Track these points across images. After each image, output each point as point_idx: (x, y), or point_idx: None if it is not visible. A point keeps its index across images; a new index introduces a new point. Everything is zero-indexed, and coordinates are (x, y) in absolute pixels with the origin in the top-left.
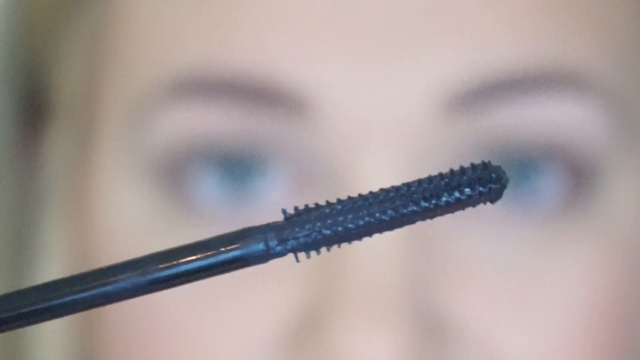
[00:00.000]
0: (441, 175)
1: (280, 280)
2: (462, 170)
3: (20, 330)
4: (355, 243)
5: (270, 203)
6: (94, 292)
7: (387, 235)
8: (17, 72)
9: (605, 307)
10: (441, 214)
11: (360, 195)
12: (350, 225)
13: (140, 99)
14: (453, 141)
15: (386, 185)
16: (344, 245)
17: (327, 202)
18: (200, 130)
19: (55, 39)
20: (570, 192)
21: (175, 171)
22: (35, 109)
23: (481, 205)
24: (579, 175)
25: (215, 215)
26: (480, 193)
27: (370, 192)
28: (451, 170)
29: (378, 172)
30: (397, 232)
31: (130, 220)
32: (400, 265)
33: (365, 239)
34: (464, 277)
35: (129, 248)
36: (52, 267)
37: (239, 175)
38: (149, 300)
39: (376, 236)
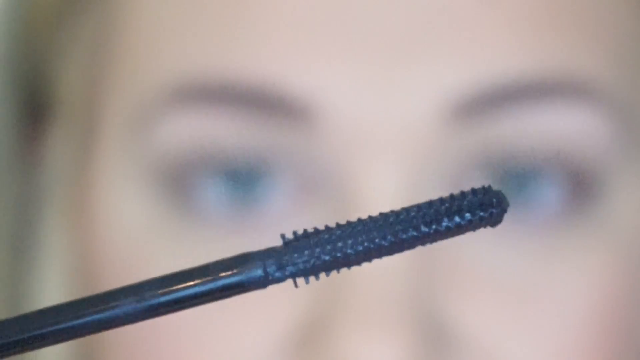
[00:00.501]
0: (441, 200)
1: (285, 286)
2: (463, 194)
3: None
4: None
5: (273, 210)
6: (91, 319)
7: None
8: (19, 75)
9: (607, 315)
10: (441, 239)
11: (359, 219)
12: (349, 251)
13: (142, 104)
14: (457, 149)
15: (391, 193)
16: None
17: (326, 226)
18: (202, 137)
19: (57, 41)
20: (573, 200)
21: (177, 177)
22: (37, 112)
23: None
24: (582, 183)
25: (218, 221)
26: (481, 218)
27: (370, 217)
28: (451, 195)
29: (382, 179)
30: None
31: (131, 226)
32: (404, 272)
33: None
34: (467, 284)
35: (130, 253)
36: (52, 270)
37: (242, 182)
38: None
39: None
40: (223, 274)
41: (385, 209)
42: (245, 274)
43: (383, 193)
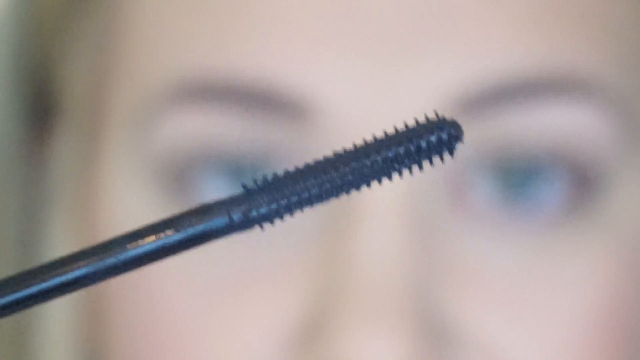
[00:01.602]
0: (400, 136)
1: (285, 283)
2: (416, 122)
3: (26, 331)
4: (360, 246)
5: None
6: (60, 279)
7: (391, 239)
8: (24, 73)
9: (609, 312)
10: (400, 170)
11: (319, 159)
12: (312, 191)
13: (146, 102)
14: (458, 146)
15: (391, 189)
16: (348, 248)
17: (285, 170)
18: (204, 134)
19: (62, 41)
20: (574, 197)
21: (181, 174)
22: (41, 110)
23: (485, 210)
24: (583, 180)
25: None
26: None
27: (330, 155)
28: (405, 125)
29: None
30: (401, 236)
31: (135, 223)
32: (404, 269)
33: (369, 244)
34: (467, 282)
35: None
36: None
37: (245, 178)
38: (154, 302)
39: (380, 240)
40: (188, 225)
41: (386, 204)
42: (210, 223)
43: (382, 189)
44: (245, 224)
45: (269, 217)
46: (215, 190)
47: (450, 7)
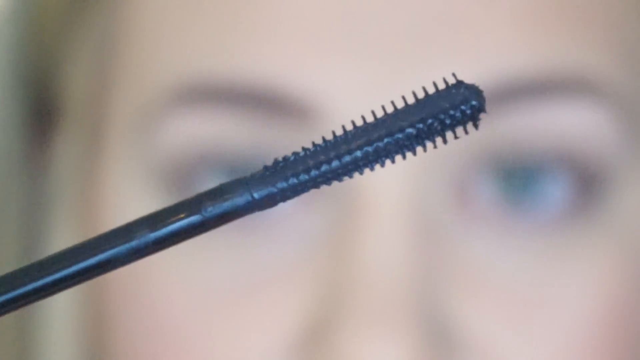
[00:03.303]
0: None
1: (291, 286)
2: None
3: (29, 333)
4: (366, 249)
5: (277, 209)
6: (85, 264)
7: (396, 242)
8: (26, 79)
9: (613, 315)
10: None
11: (337, 135)
12: (333, 165)
13: (148, 105)
14: (462, 146)
15: (395, 191)
16: (354, 251)
17: (303, 147)
18: (207, 137)
19: (64, 45)
20: (579, 198)
21: (184, 177)
22: (43, 113)
23: (490, 212)
24: (588, 181)
25: None
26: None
27: (348, 129)
28: (425, 92)
29: (387, 177)
30: (406, 239)
31: None
32: (408, 273)
33: (374, 247)
34: (471, 285)
35: None
36: None
37: None
38: (157, 302)
39: (385, 243)
40: (210, 204)
41: (391, 206)
42: (233, 201)
43: (388, 191)
44: (268, 200)
45: (289, 193)
46: None
47: (454, 8)
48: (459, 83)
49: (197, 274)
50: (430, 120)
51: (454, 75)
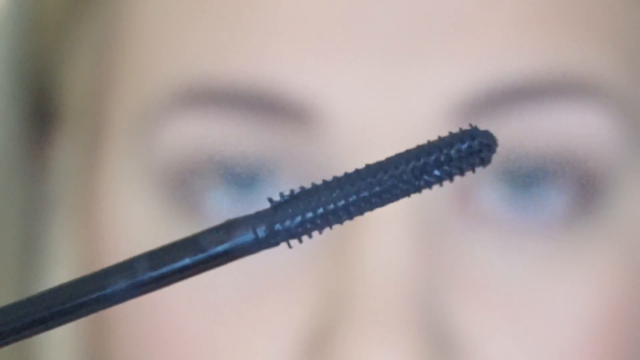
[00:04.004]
0: (430, 147)
1: (293, 292)
2: (451, 139)
3: (30, 343)
4: (367, 253)
5: None
6: (82, 300)
7: (398, 247)
8: (25, 80)
9: (614, 319)
10: (429, 187)
11: (346, 173)
12: (339, 204)
13: (147, 108)
14: None
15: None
16: (355, 256)
17: (313, 183)
18: (207, 140)
19: (63, 46)
20: (581, 202)
21: (183, 180)
22: (43, 115)
23: (492, 215)
24: (589, 184)
25: None
26: (471, 164)
27: (356, 170)
28: (440, 139)
29: None
30: (408, 244)
31: (137, 229)
32: (410, 278)
33: (376, 252)
34: (473, 290)
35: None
36: (60, 274)
37: (247, 185)
38: (159, 309)
39: (387, 248)
40: (213, 244)
41: (392, 211)
42: (235, 240)
43: None
44: (271, 239)
45: (295, 232)
46: (217, 195)
47: (455, 10)
48: (471, 129)
49: (199, 281)
50: (438, 155)
51: (470, 124)
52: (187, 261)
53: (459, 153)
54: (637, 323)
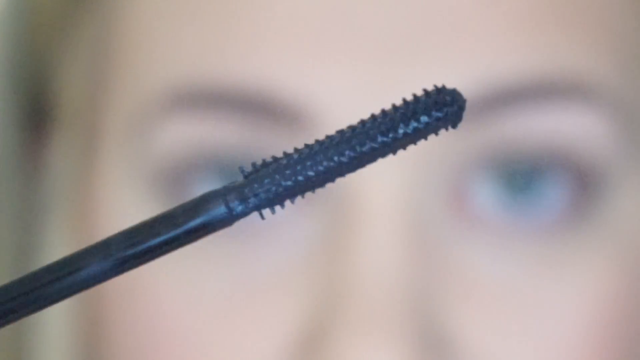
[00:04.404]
0: (395, 107)
1: (287, 291)
2: (416, 98)
3: (24, 338)
4: (361, 255)
5: (272, 215)
6: (61, 283)
7: (391, 249)
8: (21, 81)
9: (611, 319)
10: (402, 147)
11: (316, 140)
12: (309, 173)
13: (142, 109)
14: (459, 150)
15: (392, 195)
16: (349, 257)
17: (284, 152)
18: (201, 141)
19: (59, 46)
20: (576, 202)
21: (178, 181)
22: (38, 116)
23: (486, 217)
24: (586, 184)
25: None
26: (438, 118)
27: (327, 136)
28: (404, 100)
29: (383, 181)
30: (401, 246)
31: None
32: (403, 279)
33: (369, 253)
34: (467, 291)
35: None
36: None
37: None
38: (154, 310)
39: (380, 250)
40: (187, 219)
41: (386, 211)
42: (209, 214)
43: (384, 195)
44: (245, 211)
45: (267, 204)
46: None
47: (449, 11)
48: (439, 90)
49: (191, 280)
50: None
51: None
52: (162, 237)
53: (432, 120)
54: (633, 324)
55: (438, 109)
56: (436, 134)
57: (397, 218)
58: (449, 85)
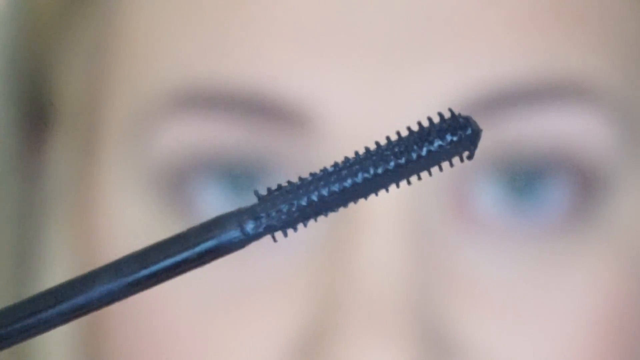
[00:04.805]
0: (410, 131)
1: (287, 294)
2: (430, 122)
3: (26, 345)
4: (362, 257)
5: None
6: (72, 303)
7: (393, 250)
8: (20, 82)
9: (613, 320)
10: (416, 172)
11: (332, 164)
12: (323, 193)
13: (142, 110)
14: None
15: (391, 197)
16: (350, 259)
17: (299, 177)
18: (202, 142)
19: (58, 48)
20: (578, 204)
21: (178, 182)
22: (39, 118)
23: (487, 218)
24: (587, 186)
25: None
26: (451, 142)
27: (344, 158)
28: (419, 124)
29: None
30: (403, 247)
31: (133, 231)
32: (405, 280)
33: (370, 254)
34: (468, 292)
35: None
36: (56, 276)
37: (242, 187)
38: (154, 309)
39: (382, 251)
40: (200, 241)
41: (387, 213)
42: (222, 237)
43: (384, 198)
44: (258, 234)
45: (281, 226)
46: (213, 198)
47: (450, 13)
48: (454, 115)
49: (193, 281)
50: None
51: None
52: (174, 259)
53: (447, 144)
54: (635, 326)
55: (452, 133)
56: (451, 163)
57: (398, 220)
58: (450, 87)
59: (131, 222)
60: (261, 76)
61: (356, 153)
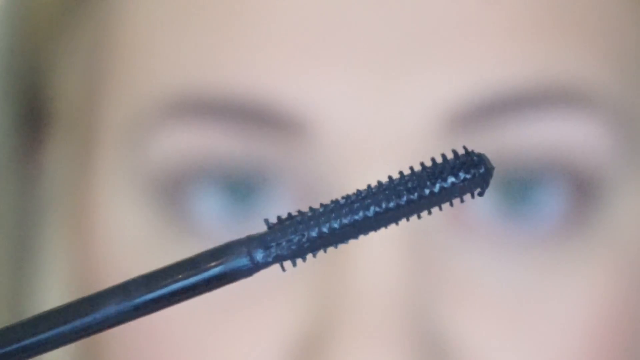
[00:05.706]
0: (423, 166)
1: (285, 300)
2: (444, 159)
3: None
4: (359, 262)
5: None
6: (78, 324)
7: (390, 256)
8: (17, 86)
9: (609, 325)
10: (428, 207)
11: (343, 197)
12: (334, 225)
13: (139, 117)
14: None
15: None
16: (347, 264)
17: (310, 207)
18: (198, 149)
19: (55, 52)
20: (574, 210)
21: (174, 189)
22: (35, 122)
23: (484, 224)
24: (583, 192)
25: (214, 233)
26: (465, 180)
27: (356, 191)
28: (432, 160)
29: None
30: (399, 253)
31: (129, 237)
32: (402, 286)
33: (367, 261)
34: (465, 298)
35: (128, 264)
36: (52, 280)
37: (239, 194)
38: (153, 323)
39: (379, 257)
40: (208, 267)
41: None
42: (231, 263)
43: None
44: (267, 263)
45: (290, 256)
46: (209, 205)
47: (447, 21)
48: (468, 152)
49: None
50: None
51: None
52: (181, 283)
53: (460, 182)
54: (631, 331)
55: (466, 171)
56: (462, 199)
57: (394, 227)
58: (448, 93)
59: (127, 227)
60: (257, 83)
61: (368, 186)
